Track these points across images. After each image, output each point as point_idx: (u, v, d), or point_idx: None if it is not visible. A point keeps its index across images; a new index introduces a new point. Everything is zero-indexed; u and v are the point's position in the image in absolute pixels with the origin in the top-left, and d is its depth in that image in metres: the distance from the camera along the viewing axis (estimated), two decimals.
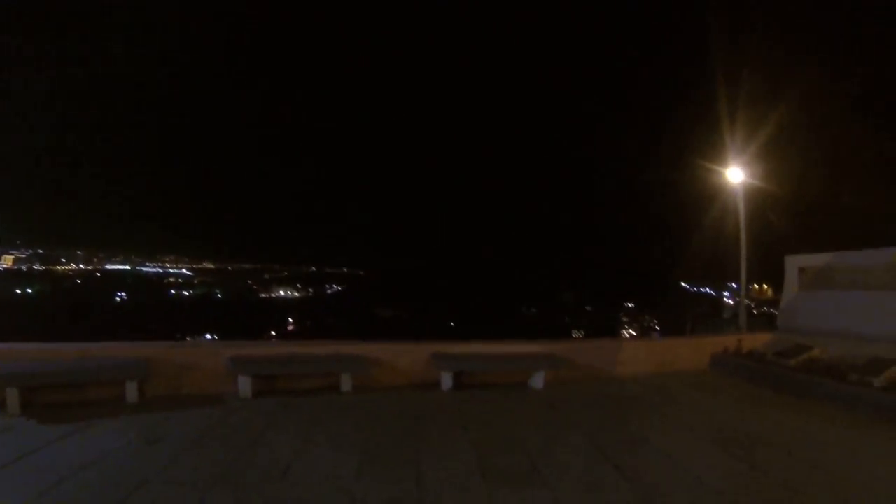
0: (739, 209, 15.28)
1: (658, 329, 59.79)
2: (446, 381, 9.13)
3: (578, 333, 57.59)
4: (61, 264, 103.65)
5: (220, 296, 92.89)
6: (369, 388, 8.87)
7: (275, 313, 73.94)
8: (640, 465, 5.74)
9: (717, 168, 15.80)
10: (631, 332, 62.00)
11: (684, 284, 75.27)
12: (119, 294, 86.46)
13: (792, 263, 13.81)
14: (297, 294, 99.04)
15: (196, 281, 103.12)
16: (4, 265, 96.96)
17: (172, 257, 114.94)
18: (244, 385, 8.13)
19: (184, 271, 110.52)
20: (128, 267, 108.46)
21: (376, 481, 5.08)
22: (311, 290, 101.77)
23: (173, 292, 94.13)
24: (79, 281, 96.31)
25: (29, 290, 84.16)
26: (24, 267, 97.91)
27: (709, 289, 69.83)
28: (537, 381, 9.52)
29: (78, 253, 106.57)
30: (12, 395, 6.80)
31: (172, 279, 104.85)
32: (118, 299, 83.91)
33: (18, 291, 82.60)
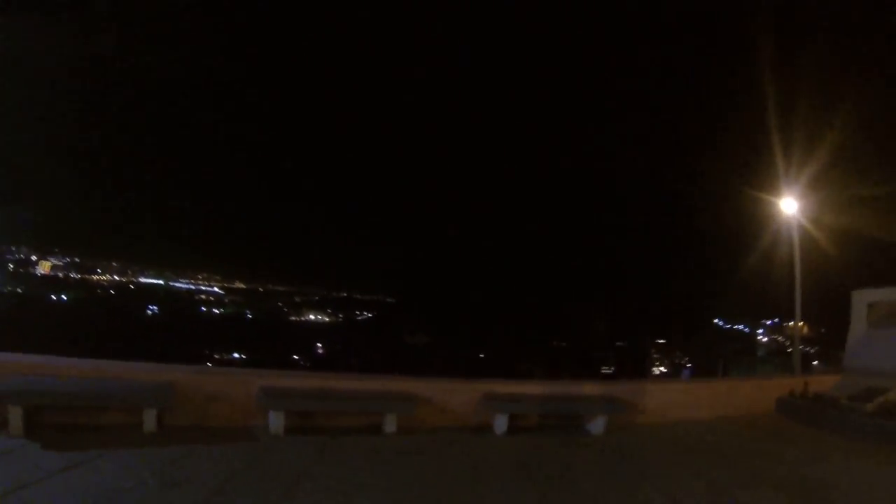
0: (794, 243, 14.36)
1: (689, 367, 58.20)
2: (500, 425, 8.27)
3: (608, 369, 56.17)
4: (96, 274, 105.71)
5: (250, 316, 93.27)
6: (415, 430, 7.98)
7: (304, 337, 73.73)
8: None
9: (769, 197, 14.79)
10: (662, 370, 60.41)
11: (718, 321, 73.61)
12: (151, 307, 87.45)
13: (860, 299, 12.96)
14: (328, 319, 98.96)
15: (227, 300, 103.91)
16: (42, 271, 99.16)
17: (204, 274, 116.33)
18: (276, 421, 7.28)
19: (215, 289, 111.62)
20: (160, 281, 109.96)
21: None
22: (342, 316, 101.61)
23: (204, 309, 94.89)
24: (112, 292, 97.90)
25: (64, 297, 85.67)
26: (61, 274, 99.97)
27: (744, 326, 68.08)
28: (598, 426, 8.70)
29: (113, 264, 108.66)
30: (15, 414, 6.02)
31: (203, 296, 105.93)
32: (149, 312, 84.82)
33: (54, 297, 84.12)
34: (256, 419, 7.47)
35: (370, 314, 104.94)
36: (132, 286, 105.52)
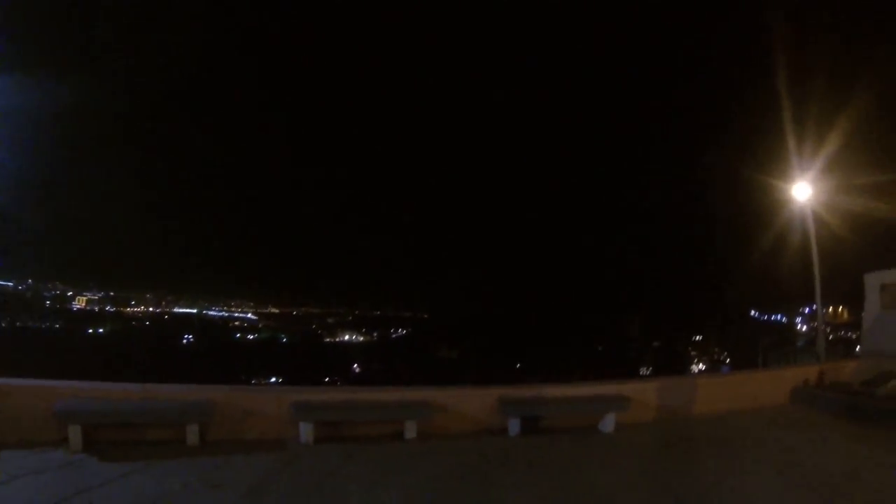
0: (809, 227, 14.40)
1: (728, 362, 57.38)
2: (514, 427, 8.93)
3: (646, 370, 55.94)
4: (131, 306, 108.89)
5: (285, 340, 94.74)
6: (434, 435, 8.68)
7: (340, 358, 74.76)
8: None
9: (782, 184, 14.92)
10: (701, 367, 60.15)
11: (754, 312, 72.54)
12: (186, 336, 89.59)
13: (873, 281, 13.10)
14: (363, 338, 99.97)
15: (261, 325, 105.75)
16: (78, 305, 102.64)
17: (237, 301, 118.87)
18: (306, 431, 8.09)
19: (249, 315, 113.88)
20: (194, 310, 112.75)
21: None
22: (376, 335, 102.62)
23: (238, 335, 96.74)
24: (147, 323, 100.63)
25: (101, 330, 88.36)
26: (97, 308, 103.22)
27: (781, 315, 67.03)
28: (608, 425, 9.28)
29: (147, 296, 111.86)
30: (75, 432, 6.98)
31: (238, 322, 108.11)
32: (185, 341, 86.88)
33: (90, 331, 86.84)
34: (289, 431, 8.26)
35: (405, 331, 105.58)
36: (167, 316, 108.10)
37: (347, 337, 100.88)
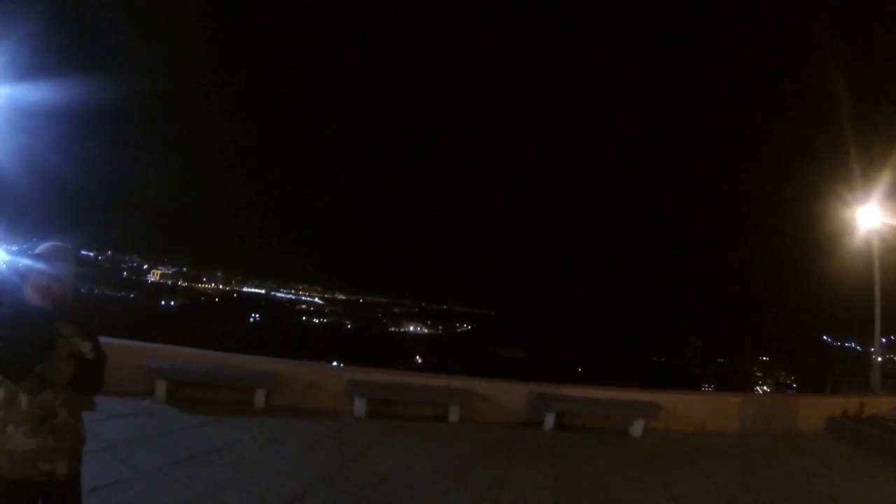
0: (874, 254, 14.41)
1: (794, 387, 55.53)
2: (548, 421, 9.76)
3: (707, 387, 55.11)
4: (202, 282, 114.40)
5: (350, 326, 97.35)
6: (475, 421, 9.67)
7: (402, 348, 76.40)
8: None
9: (848, 208, 14.91)
10: (765, 389, 58.71)
11: (826, 338, 70.07)
12: (253, 315, 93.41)
13: None
14: (427, 330, 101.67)
15: (327, 310, 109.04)
16: (153, 278, 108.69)
17: (305, 285, 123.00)
18: (359, 405, 9.20)
19: (316, 300, 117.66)
20: (262, 291, 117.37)
21: (459, 501, 5.90)
22: (441, 328, 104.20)
23: (304, 318, 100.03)
24: (217, 299, 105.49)
25: (172, 303, 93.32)
26: (170, 282, 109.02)
27: (854, 343, 64.16)
28: (637, 429, 9.95)
29: (218, 274, 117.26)
30: (160, 387, 8.36)
31: (304, 306, 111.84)
32: (252, 320, 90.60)
33: (163, 303, 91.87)
34: (344, 405, 9.39)
35: (469, 326, 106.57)
36: (235, 294, 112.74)
37: (412, 328, 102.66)
